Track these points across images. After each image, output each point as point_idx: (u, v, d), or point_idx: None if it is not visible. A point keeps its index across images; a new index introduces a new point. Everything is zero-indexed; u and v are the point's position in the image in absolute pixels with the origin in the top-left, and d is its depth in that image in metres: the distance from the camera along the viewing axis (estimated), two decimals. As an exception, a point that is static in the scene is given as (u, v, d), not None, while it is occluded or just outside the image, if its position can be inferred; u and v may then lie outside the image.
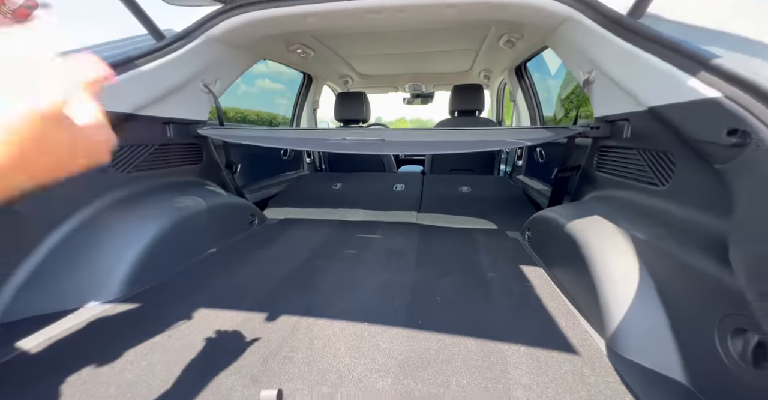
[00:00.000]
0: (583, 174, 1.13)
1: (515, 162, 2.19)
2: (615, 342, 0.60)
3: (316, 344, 0.63)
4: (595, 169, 1.06)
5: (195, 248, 1.06)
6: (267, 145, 1.35)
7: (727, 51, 0.57)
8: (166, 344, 0.63)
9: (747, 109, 0.47)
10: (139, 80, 0.92)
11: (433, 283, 0.89)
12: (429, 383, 0.54)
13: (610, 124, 0.95)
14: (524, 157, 2.05)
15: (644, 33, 0.70)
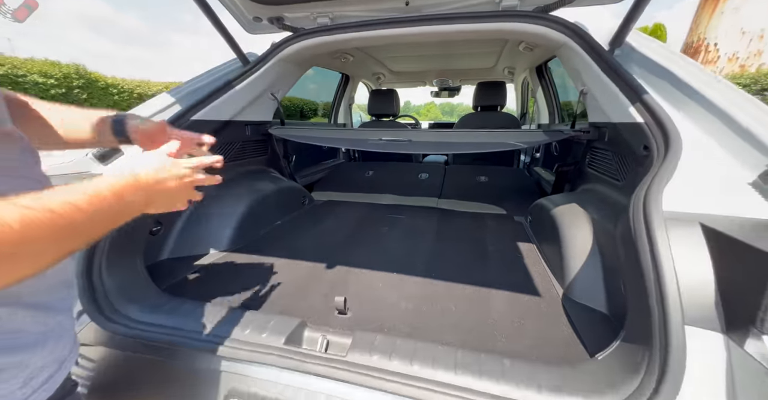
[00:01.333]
0: (577, 169, 1.35)
1: (533, 154, 2.38)
2: (569, 290, 0.87)
3: (362, 282, 0.96)
4: (586, 166, 1.28)
5: (267, 220, 1.42)
6: (318, 143, 1.66)
7: (657, 88, 0.80)
8: (264, 275, 0.99)
9: (651, 132, 0.71)
10: (235, 96, 1.25)
11: (445, 250, 1.19)
12: (438, 306, 0.85)
13: (597, 129, 1.18)
14: (541, 151, 2.24)
15: (613, 66, 0.92)
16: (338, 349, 0.65)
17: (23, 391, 0.35)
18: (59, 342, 0.40)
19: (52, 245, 0.28)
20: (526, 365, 0.57)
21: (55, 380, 0.40)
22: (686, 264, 0.48)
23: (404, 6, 1.23)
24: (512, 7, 1.15)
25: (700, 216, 0.52)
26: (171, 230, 1.10)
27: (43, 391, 0.38)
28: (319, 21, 1.32)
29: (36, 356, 0.37)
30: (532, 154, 2.45)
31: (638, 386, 0.47)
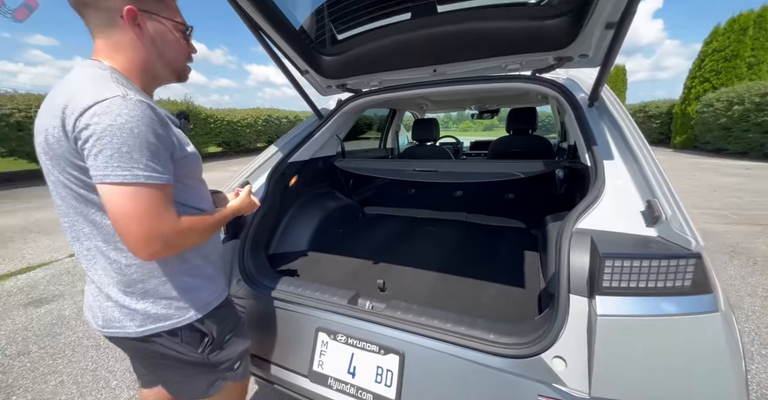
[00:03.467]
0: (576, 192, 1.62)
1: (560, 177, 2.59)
2: (548, 285, 1.19)
3: (397, 272, 1.39)
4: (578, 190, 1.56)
5: (333, 229, 1.93)
6: (367, 174, 2.14)
7: (611, 140, 1.11)
8: (332, 265, 1.47)
9: (592, 173, 1.03)
10: (313, 142, 1.80)
11: (462, 255, 1.56)
12: (448, 290, 1.24)
13: (573, 165, 1.46)
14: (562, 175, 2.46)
15: (582, 120, 1.23)
16: (378, 309, 1.09)
17: (223, 291, 0.87)
18: (221, 278, 0.89)
19: (205, 234, 0.77)
20: (491, 322, 0.94)
21: (225, 292, 0.90)
22: (576, 259, 0.81)
23: (433, 72, 1.66)
24: (515, 70, 1.51)
25: (593, 231, 0.85)
26: (275, 234, 1.65)
27: (224, 294, 0.88)
28: (371, 84, 1.82)
29: (217, 278, 0.87)
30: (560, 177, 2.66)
31: (545, 330, 0.82)
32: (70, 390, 1.59)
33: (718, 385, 0.68)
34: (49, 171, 0.66)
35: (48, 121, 0.61)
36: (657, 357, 0.70)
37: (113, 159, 0.57)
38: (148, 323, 0.72)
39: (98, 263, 0.71)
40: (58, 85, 0.65)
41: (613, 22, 1.04)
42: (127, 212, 0.59)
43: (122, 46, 0.68)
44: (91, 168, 0.59)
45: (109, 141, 0.57)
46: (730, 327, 0.72)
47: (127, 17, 0.65)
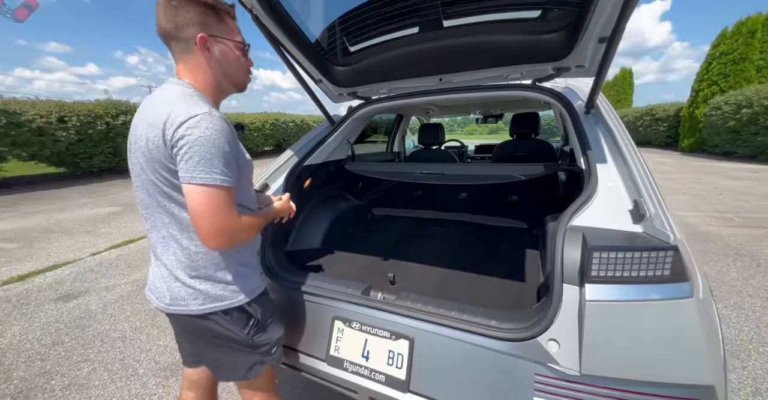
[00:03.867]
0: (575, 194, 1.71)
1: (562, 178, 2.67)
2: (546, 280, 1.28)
3: (406, 267, 1.49)
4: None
5: (344, 228, 2.03)
6: (377, 176, 2.26)
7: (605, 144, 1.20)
8: (345, 262, 1.57)
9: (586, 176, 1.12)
10: (326, 147, 1.91)
11: (468, 251, 1.66)
12: (453, 283, 1.34)
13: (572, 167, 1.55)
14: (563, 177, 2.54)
15: (579, 127, 1.33)
16: (389, 299, 1.18)
17: (260, 282, 0.98)
18: (260, 269, 1.02)
19: (255, 231, 0.89)
20: (492, 310, 1.04)
21: (264, 282, 1.01)
22: (569, 252, 0.90)
23: (439, 81, 1.77)
24: (516, 79, 1.61)
25: (585, 228, 0.94)
26: (291, 235, 1.77)
27: (264, 283, 1.00)
28: (381, 92, 1.93)
29: (258, 269, 0.99)
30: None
31: (541, 316, 0.91)
32: (102, 376, 1.71)
33: (694, 363, 0.77)
34: (143, 171, 0.79)
35: (149, 131, 0.75)
36: (639, 338, 0.79)
37: (200, 164, 0.70)
38: (208, 302, 0.84)
39: (171, 248, 0.84)
40: (153, 99, 0.80)
41: (605, 37, 1.14)
42: (204, 209, 0.72)
43: (198, 68, 0.82)
44: (181, 170, 0.72)
45: (198, 149, 0.70)
46: (708, 312, 0.80)
47: (200, 44, 0.78)
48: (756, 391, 1.52)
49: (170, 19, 0.76)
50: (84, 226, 4.49)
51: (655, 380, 0.78)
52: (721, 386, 0.78)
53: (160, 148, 0.74)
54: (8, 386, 1.64)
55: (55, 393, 1.60)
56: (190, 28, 0.77)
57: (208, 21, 0.79)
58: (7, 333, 2.08)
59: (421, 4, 1.35)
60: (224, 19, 0.83)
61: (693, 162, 9.61)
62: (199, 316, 0.85)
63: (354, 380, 1.09)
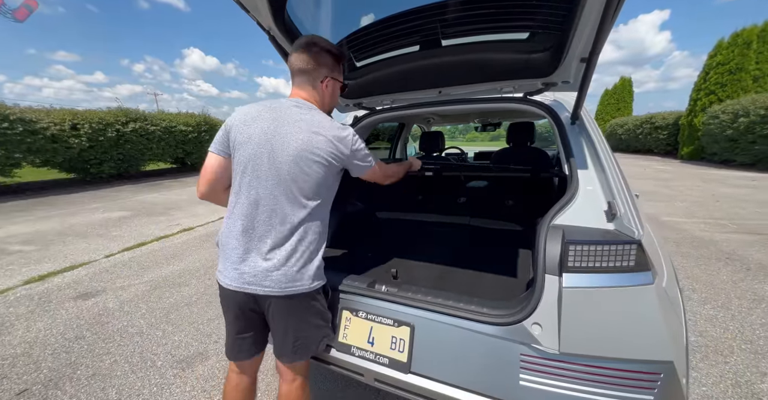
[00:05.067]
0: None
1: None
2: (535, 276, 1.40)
3: (408, 265, 1.61)
4: None
5: (350, 230, 2.17)
6: None
7: (587, 153, 1.33)
8: (352, 259, 1.70)
9: (569, 181, 1.25)
10: (334, 154, 2.06)
11: (466, 251, 1.78)
12: (451, 278, 1.46)
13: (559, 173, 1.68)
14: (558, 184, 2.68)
15: (564, 137, 1.47)
16: (392, 291, 1.31)
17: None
18: None
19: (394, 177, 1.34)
20: (485, 300, 1.16)
21: None
22: (551, 247, 1.02)
23: (438, 93, 1.92)
24: (509, 92, 1.76)
25: (565, 226, 1.07)
26: None
27: None
28: (384, 103, 2.09)
29: None
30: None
31: (525, 304, 1.04)
32: (123, 368, 1.83)
33: (655, 342, 0.89)
34: (275, 164, 1.01)
35: (304, 133, 1.01)
36: (608, 320, 0.91)
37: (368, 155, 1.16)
38: (316, 280, 1.08)
39: (284, 234, 1.03)
40: (288, 110, 1.05)
41: (585, 57, 1.29)
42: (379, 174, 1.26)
43: (318, 96, 1.13)
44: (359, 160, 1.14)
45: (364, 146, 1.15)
46: (670, 297, 0.93)
47: (324, 83, 1.11)
48: (736, 383, 1.61)
49: (311, 61, 1.07)
50: (96, 229, 4.64)
51: (622, 356, 0.90)
52: (681, 361, 0.90)
53: (321, 148, 1.00)
54: (38, 374, 1.76)
55: (81, 382, 1.72)
56: (322, 69, 1.09)
57: (334, 67, 1.12)
58: (33, 328, 2.21)
59: (421, 25, 1.51)
60: (340, 66, 1.17)
61: (692, 170, 9.72)
62: (308, 293, 1.05)
63: (361, 364, 1.21)
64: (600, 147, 1.32)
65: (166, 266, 3.33)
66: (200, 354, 1.95)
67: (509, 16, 1.43)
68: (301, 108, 1.05)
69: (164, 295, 2.69)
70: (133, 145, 9.10)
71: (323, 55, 1.08)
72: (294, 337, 1.10)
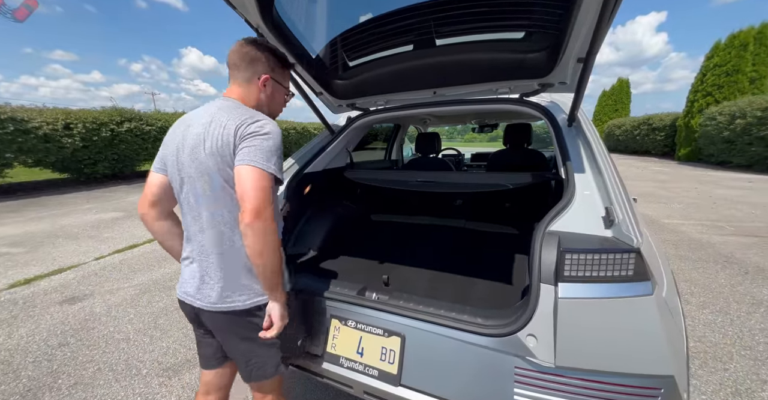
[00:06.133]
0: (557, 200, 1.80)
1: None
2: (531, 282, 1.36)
3: (401, 270, 1.57)
4: None
5: (343, 233, 2.12)
6: (374, 183, 2.35)
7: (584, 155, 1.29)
8: (343, 264, 1.65)
9: (566, 185, 1.21)
10: (326, 155, 2.01)
11: (460, 256, 1.74)
12: (446, 284, 1.42)
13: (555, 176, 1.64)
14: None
15: (560, 139, 1.43)
16: (382, 299, 1.26)
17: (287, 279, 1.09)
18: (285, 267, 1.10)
19: (271, 248, 0.86)
20: (478, 309, 1.12)
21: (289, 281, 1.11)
22: (546, 255, 0.98)
23: (433, 94, 1.88)
24: (505, 93, 1.71)
25: (561, 233, 1.03)
26: (291, 237, 1.85)
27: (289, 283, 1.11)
28: (378, 103, 2.04)
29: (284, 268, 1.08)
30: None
31: (519, 314, 0.99)
32: (107, 376, 1.77)
33: (654, 355, 0.84)
34: (200, 171, 0.91)
35: (217, 131, 0.88)
36: (606, 332, 0.87)
37: (260, 153, 0.88)
38: (253, 297, 0.95)
39: (218, 246, 0.93)
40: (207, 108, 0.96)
41: (582, 57, 1.25)
42: (257, 185, 0.85)
43: (252, 94, 1.01)
44: (241, 154, 0.88)
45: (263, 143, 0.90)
46: (670, 308, 0.88)
47: (261, 81, 1.00)
48: (736, 391, 1.58)
49: (247, 56, 0.97)
50: (88, 231, 4.57)
51: (621, 370, 0.86)
52: (682, 375, 0.86)
53: (230, 145, 0.86)
54: (17, 384, 1.70)
55: (61, 391, 1.66)
56: (259, 67, 0.99)
57: (275, 68, 1.03)
58: (15, 335, 2.15)
59: (415, 24, 1.47)
60: (286, 70, 1.09)
61: (689, 171, 9.73)
62: (244, 311, 0.94)
63: (349, 375, 1.16)
64: (597, 150, 1.28)
65: (158, 268, 3.27)
66: (188, 361, 1.89)
67: (504, 14, 1.38)
68: (220, 108, 0.93)
69: (154, 299, 2.63)
70: (128, 145, 9.00)
71: (263, 52, 0.99)
72: (245, 358, 1.02)
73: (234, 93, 0.99)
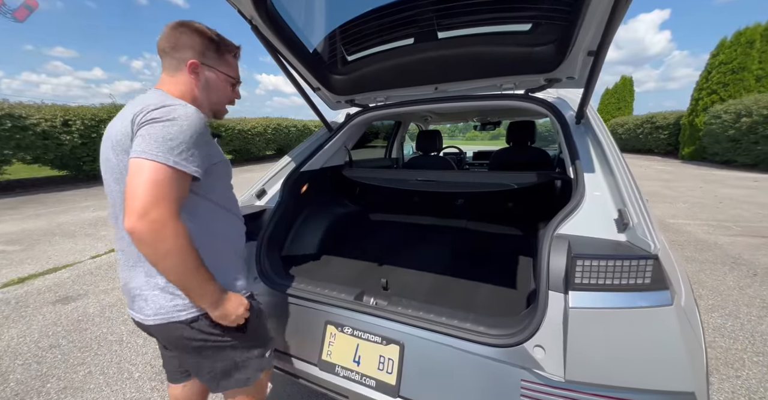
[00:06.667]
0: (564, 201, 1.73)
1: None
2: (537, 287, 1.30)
3: (400, 273, 1.51)
4: None
5: (341, 233, 2.06)
6: (373, 183, 2.29)
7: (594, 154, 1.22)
8: (340, 266, 1.59)
9: (574, 185, 1.15)
10: (323, 153, 1.95)
11: (462, 258, 1.67)
12: (446, 289, 1.35)
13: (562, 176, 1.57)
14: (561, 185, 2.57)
15: (569, 137, 1.36)
16: (381, 305, 1.20)
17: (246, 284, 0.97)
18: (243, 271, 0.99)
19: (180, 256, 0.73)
20: (481, 316, 1.05)
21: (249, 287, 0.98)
22: (555, 260, 0.92)
23: (434, 90, 1.81)
24: (509, 89, 1.64)
25: (571, 236, 0.97)
26: (287, 237, 1.79)
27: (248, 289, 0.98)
28: (378, 100, 1.97)
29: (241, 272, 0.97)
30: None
31: (526, 323, 0.93)
32: (98, 380, 1.72)
33: (674, 370, 0.78)
34: (119, 169, 0.80)
35: (123, 123, 0.78)
36: (621, 345, 0.80)
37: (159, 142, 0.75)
38: (191, 307, 0.82)
39: None
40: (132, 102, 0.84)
41: (592, 50, 1.18)
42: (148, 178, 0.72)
43: (181, 84, 0.89)
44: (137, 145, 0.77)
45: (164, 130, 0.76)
46: (689, 319, 0.82)
47: (189, 68, 0.87)
48: (749, 401, 1.52)
49: (171, 40, 0.86)
50: (85, 229, 4.52)
51: (637, 386, 0.80)
52: (702, 392, 0.79)
53: (127, 136, 0.75)
54: (4, 389, 1.65)
55: (50, 396, 1.61)
56: (186, 52, 0.87)
57: (205, 52, 0.89)
58: (5, 336, 2.10)
59: (416, 16, 1.39)
60: (224, 55, 0.94)
61: (693, 170, 9.63)
62: (185, 322, 0.82)
63: (345, 385, 1.10)
64: (608, 148, 1.21)
65: (154, 268, 3.21)
66: (181, 365, 1.84)
67: (511, 5, 1.31)
68: (137, 99, 0.84)
69: (149, 299, 2.58)
70: (128, 142, 8.94)
71: (190, 35, 0.86)
72: (198, 372, 0.92)
73: (163, 84, 0.88)
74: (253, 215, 1.46)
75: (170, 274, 0.75)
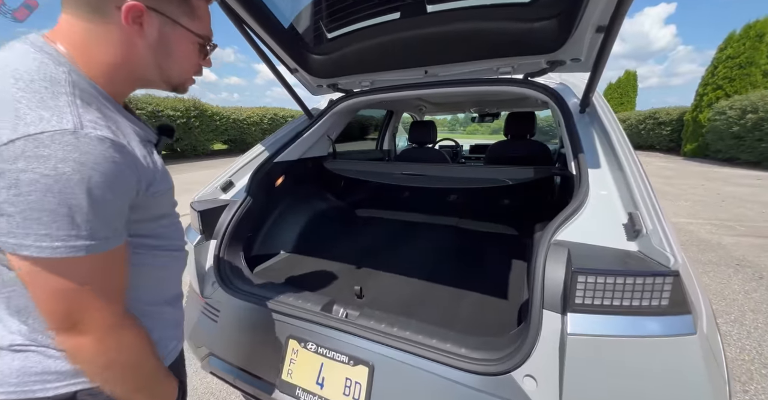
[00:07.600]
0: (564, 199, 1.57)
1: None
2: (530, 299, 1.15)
3: (379, 278, 1.35)
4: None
5: (321, 231, 1.90)
6: (357, 176, 2.11)
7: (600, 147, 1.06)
8: (314, 269, 1.44)
9: (576, 183, 0.98)
10: (302, 142, 1.77)
11: (449, 261, 1.52)
12: (428, 297, 1.20)
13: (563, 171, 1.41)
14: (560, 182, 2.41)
15: (571, 128, 1.19)
16: (352, 316, 1.05)
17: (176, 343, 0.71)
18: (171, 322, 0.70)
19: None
20: (463, 335, 0.90)
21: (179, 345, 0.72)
22: (551, 273, 0.77)
23: (424, 73, 1.63)
24: (506, 73, 1.46)
25: (571, 244, 0.81)
26: (258, 235, 1.63)
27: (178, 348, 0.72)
28: (363, 84, 1.79)
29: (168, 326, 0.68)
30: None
31: (517, 346, 0.78)
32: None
33: (695, 414, 0.63)
34: None
35: None
36: (631, 381, 0.65)
37: (35, 222, 0.45)
38: (67, 378, 0.53)
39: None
40: None
41: (603, 25, 1.00)
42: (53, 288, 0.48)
43: (106, 40, 0.51)
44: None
45: (34, 199, 0.42)
46: (713, 351, 0.67)
47: (126, 13, 0.50)
48: (759, 420, 1.39)
49: None
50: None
51: (647, 431, 0.65)
52: None
53: None
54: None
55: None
56: None
57: None
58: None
59: (402, -15, 1.21)
60: (188, 2, 0.58)
61: (695, 167, 9.47)
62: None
63: None
64: (617, 141, 1.04)
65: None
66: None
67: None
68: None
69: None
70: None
71: None
72: None
73: (63, 35, 0.51)
74: (212, 210, 1.30)
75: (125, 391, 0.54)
